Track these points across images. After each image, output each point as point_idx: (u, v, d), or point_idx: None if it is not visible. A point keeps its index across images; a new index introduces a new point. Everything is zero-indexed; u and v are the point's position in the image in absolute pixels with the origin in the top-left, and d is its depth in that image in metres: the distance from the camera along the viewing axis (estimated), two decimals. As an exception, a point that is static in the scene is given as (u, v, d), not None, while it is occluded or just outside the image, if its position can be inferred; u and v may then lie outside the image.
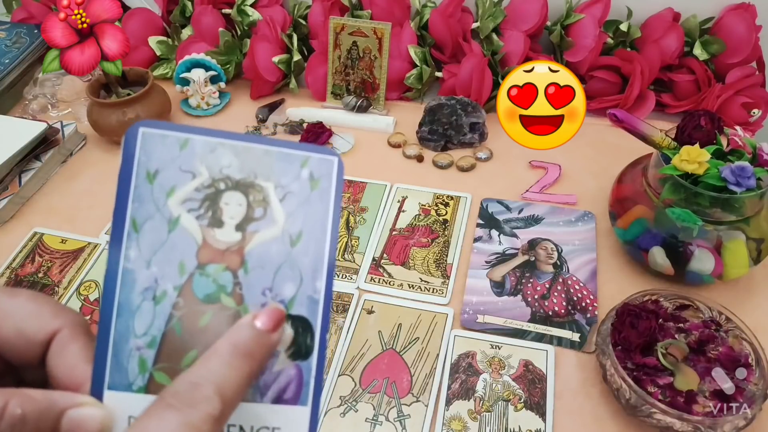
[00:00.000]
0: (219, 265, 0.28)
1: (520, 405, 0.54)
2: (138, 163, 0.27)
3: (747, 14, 0.82)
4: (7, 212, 0.73)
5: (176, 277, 0.27)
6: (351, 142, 0.84)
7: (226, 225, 0.28)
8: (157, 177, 0.28)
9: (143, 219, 0.27)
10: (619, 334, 0.53)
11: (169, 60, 0.97)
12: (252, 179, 0.28)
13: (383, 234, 0.70)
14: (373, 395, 0.55)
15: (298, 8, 0.94)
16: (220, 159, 0.28)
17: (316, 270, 0.29)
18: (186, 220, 0.28)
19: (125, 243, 0.27)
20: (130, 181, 0.27)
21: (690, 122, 0.59)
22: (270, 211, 0.29)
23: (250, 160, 0.29)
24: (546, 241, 0.69)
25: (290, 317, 0.28)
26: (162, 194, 0.28)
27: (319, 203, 0.29)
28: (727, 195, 0.54)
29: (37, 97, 0.91)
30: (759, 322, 0.56)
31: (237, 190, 0.28)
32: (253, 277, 0.28)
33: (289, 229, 0.29)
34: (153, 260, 0.27)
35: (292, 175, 0.29)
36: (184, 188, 0.28)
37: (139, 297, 0.27)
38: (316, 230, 0.29)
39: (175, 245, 0.28)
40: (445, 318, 0.61)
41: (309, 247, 0.29)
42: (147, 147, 0.28)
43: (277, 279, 0.28)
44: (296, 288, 0.28)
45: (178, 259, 0.27)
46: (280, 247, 0.28)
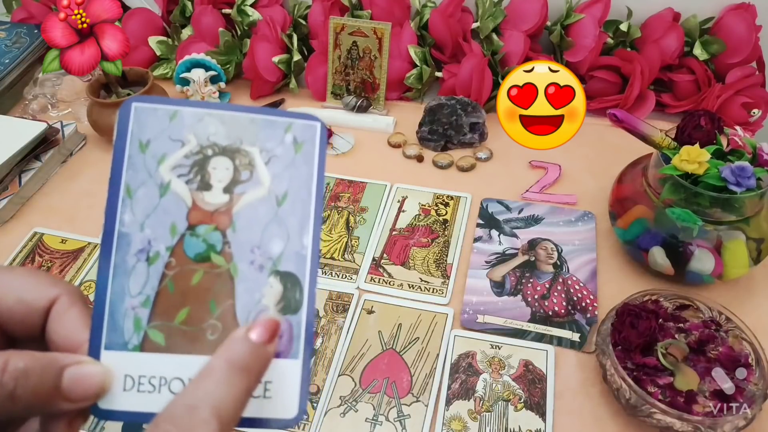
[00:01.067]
0: (208, 225, 0.29)
1: (520, 405, 0.54)
2: (131, 134, 0.30)
3: (747, 14, 0.82)
4: (7, 212, 0.73)
5: (168, 239, 0.29)
6: (351, 142, 0.84)
7: (214, 188, 0.30)
8: (149, 146, 0.30)
9: (137, 185, 0.29)
10: (619, 334, 0.53)
11: (169, 60, 0.97)
12: (238, 145, 0.30)
13: (383, 234, 0.70)
14: (373, 395, 0.55)
15: (298, 8, 0.94)
16: (208, 127, 0.30)
17: (303, 227, 0.30)
18: (176, 184, 0.30)
19: (120, 208, 0.29)
20: (125, 151, 0.29)
21: (690, 122, 0.59)
22: (256, 174, 0.30)
23: (235, 128, 0.30)
24: (546, 241, 0.69)
25: (279, 273, 0.29)
26: (154, 162, 0.30)
27: (304, 165, 0.31)
28: (727, 195, 0.55)
29: (37, 97, 0.91)
30: (759, 322, 0.56)
31: (224, 155, 0.30)
32: (241, 235, 0.29)
33: (275, 189, 0.30)
34: (146, 223, 0.29)
35: (276, 139, 0.31)
36: (174, 155, 0.30)
37: (134, 258, 0.29)
38: (301, 190, 0.30)
39: (166, 209, 0.29)
40: (445, 318, 0.61)
41: (295, 206, 0.30)
42: (140, 119, 0.30)
43: (264, 236, 0.30)
44: (284, 245, 0.30)
45: (170, 221, 0.29)
46: (267, 207, 0.30)
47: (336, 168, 0.79)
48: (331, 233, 0.70)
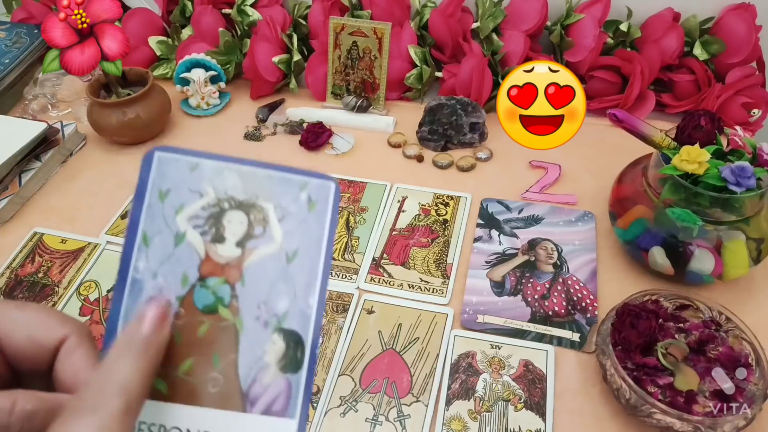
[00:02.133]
0: (219, 278, 0.30)
1: (520, 405, 0.54)
2: (152, 183, 0.30)
3: (747, 14, 0.82)
4: (7, 212, 0.73)
5: (179, 288, 0.29)
6: (351, 142, 0.84)
7: (227, 241, 0.30)
8: (169, 196, 0.30)
9: (153, 233, 0.29)
10: (619, 334, 0.53)
11: (169, 60, 0.97)
12: (254, 200, 0.31)
13: (383, 234, 0.70)
14: (373, 395, 0.55)
15: (298, 8, 0.94)
16: (226, 181, 0.31)
17: (310, 286, 0.30)
18: (191, 235, 0.30)
19: (135, 254, 0.29)
20: (144, 200, 0.30)
21: (690, 122, 0.59)
22: (269, 230, 0.30)
23: (253, 183, 0.31)
24: (546, 241, 0.69)
25: (282, 330, 0.29)
26: (172, 211, 0.30)
27: (316, 224, 0.31)
28: (727, 195, 0.54)
29: (37, 97, 0.91)
30: (759, 322, 0.56)
31: (239, 210, 0.30)
32: (249, 290, 0.30)
33: (286, 246, 0.30)
34: (159, 271, 0.29)
35: (291, 197, 0.31)
36: (192, 206, 0.30)
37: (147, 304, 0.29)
38: (311, 249, 0.31)
39: (180, 258, 0.29)
40: (445, 318, 0.61)
41: (304, 265, 0.30)
42: (161, 169, 0.30)
43: (272, 293, 0.30)
44: (289, 302, 0.30)
45: (182, 271, 0.29)
46: (277, 263, 0.30)
47: (336, 168, 0.79)
48: (331, 233, 0.70)
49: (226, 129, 0.87)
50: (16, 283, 0.65)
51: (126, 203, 0.75)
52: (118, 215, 0.73)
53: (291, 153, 0.83)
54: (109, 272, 0.66)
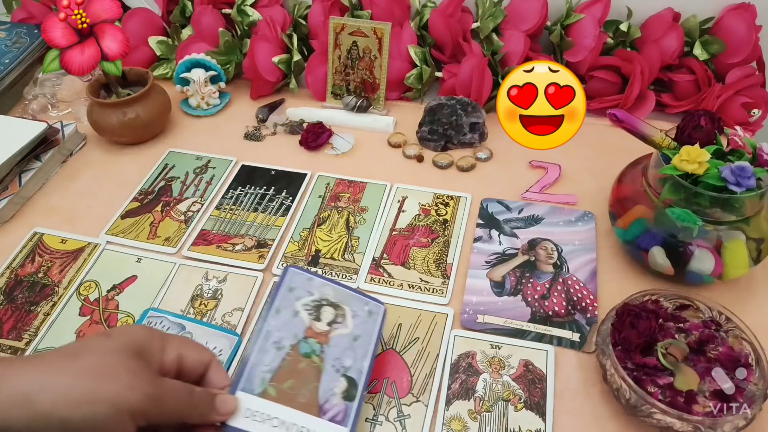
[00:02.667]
0: (315, 339, 0.51)
1: (520, 405, 0.54)
2: (286, 283, 0.53)
3: (747, 14, 0.82)
4: (7, 212, 0.73)
5: (292, 340, 0.50)
6: (351, 142, 0.84)
7: (322, 321, 0.52)
8: (293, 291, 0.53)
9: (282, 307, 0.51)
10: (619, 334, 0.53)
11: (169, 60, 0.97)
12: (339, 303, 0.54)
13: (383, 234, 0.70)
14: (373, 395, 0.55)
15: (298, 8, 0.94)
16: (325, 290, 0.54)
17: (364, 357, 0.52)
18: (303, 314, 0.52)
19: (271, 317, 0.50)
20: (280, 290, 0.52)
21: (690, 122, 0.59)
22: (345, 321, 0.53)
23: (340, 294, 0.54)
24: (546, 241, 0.69)
25: (346, 376, 0.50)
26: (293, 299, 0.52)
27: (371, 325, 0.54)
28: (727, 195, 0.54)
29: (37, 97, 0.91)
30: (759, 322, 0.56)
31: (331, 306, 0.53)
32: (331, 350, 0.51)
33: (354, 332, 0.53)
34: (282, 328, 0.50)
35: (359, 306, 0.55)
36: (305, 299, 0.53)
37: (271, 346, 0.49)
38: (366, 337, 0.53)
39: (294, 324, 0.51)
40: (445, 318, 0.61)
41: (362, 344, 0.52)
42: (291, 276, 0.54)
43: (343, 355, 0.51)
44: (352, 362, 0.51)
45: (294, 332, 0.50)
46: (347, 340, 0.52)
47: (336, 168, 0.79)
48: (331, 233, 0.70)
49: (226, 129, 0.87)
50: (16, 283, 0.65)
51: (126, 203, 0.75)
52: (118, 215, 0.73)
53: (291, 153, 0.83)
54: (109, 272, 0.66)
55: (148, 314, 0.61)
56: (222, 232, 0.71)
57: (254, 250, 0.68)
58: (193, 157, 0.82)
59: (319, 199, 0.75)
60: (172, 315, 0.61)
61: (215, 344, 0.58)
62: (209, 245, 0.69)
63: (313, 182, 0.77)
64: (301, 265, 0.66)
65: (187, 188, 0.77)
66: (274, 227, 0.71)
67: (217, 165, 0.81)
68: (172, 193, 0.76)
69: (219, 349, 0.57)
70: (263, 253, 0.68)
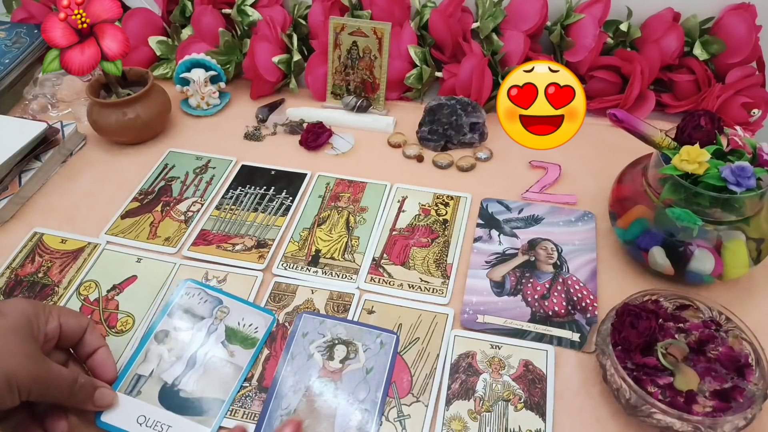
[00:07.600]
0: (328, 378, 0.55)
1: (520, 405, 0.54)
2: (299, 328, 0.59)
3: (747, 14, 0.82)
4: (7, 212, 0.73)
5: (307, 382, 0.54)
6: (351, 142, 0.84)
7: (335, 360, 0.56)
8: (306, 335, 0.58)
9: (296, 353, 0.57)
10: (619, 334, 0.53)
11: (169, 60, 0.97)
12: (351, 339, 0.58)
13: (383, 234, 0.70)
14: (373, 395, 0.55)
15: (298, 8, 0.94)
16: (337, 329, 0.58)
17: (378, 389, 0.54)
18: (316, 355, 0.56)
19: (286, 364, 0.56)
20: (294, 336, 0.58)
21: (690, 122, 0.59)
22: (358, 356, 0.56)
23: (351, 331, 0.58)
24: (546, 241, 0.69)
25: (361, 409, 0.52)
26: (307, 343, 0.57)
27: (384, 356, 0.56)
28: (727, 195, 0.54)
29: (37, 97, 0.91)
30: (759, 322, 0.56)
31: (343, 344, 0.57)
32: (345, 385, 0.54)
33: (366, 366, 0.55)
34: (298, 372, 0.55)
35: (371, 340, 0.58)
36: (318, 341, 0.57)
37: (289, 390, 0.54)
38: (379, 369, 0.55)
39: (309, 367, 0.56)
40: (445, 318, 0.61)
41: (375, 377, 0.55)
42: (304, 322, 0.59)
43: (357, 389, 0.54)
44: (366, 395, 0.53)
45: (309, 373, 0.55)
46: (360, 374, 0.55)
47: (336, 168, 0.79)
48: (331, 233, 0.70)
49: (226, 129, 0.87)
50: (16, 283, 0.65)
51: (126, 203, 0.75)
52: (117, 215, 0.73)
53: (291, 153, 0.83)
54: (108, 272, 0.66)
55: (187, 284, 0.62)
56: (222, 232, 0.71)
57: (254, 250, 0.68)
58: (193, 157, 0.82)
59: (319, 199, 0.75)
60: (210, 288, 0.62)
61: (251, 321, 0.60)
62: (209, 245, 0.69)
63: (313, 182, 0.77)
64: (301, 265, 0.66)
65: (187, 188, 0.77)
66: (274, 227, 0.71)
67: (217, 165, 0.81)
68: (172, 193, 0.76)
69: (255, 327, 0.60)
70: (263, 253, 0.68)
